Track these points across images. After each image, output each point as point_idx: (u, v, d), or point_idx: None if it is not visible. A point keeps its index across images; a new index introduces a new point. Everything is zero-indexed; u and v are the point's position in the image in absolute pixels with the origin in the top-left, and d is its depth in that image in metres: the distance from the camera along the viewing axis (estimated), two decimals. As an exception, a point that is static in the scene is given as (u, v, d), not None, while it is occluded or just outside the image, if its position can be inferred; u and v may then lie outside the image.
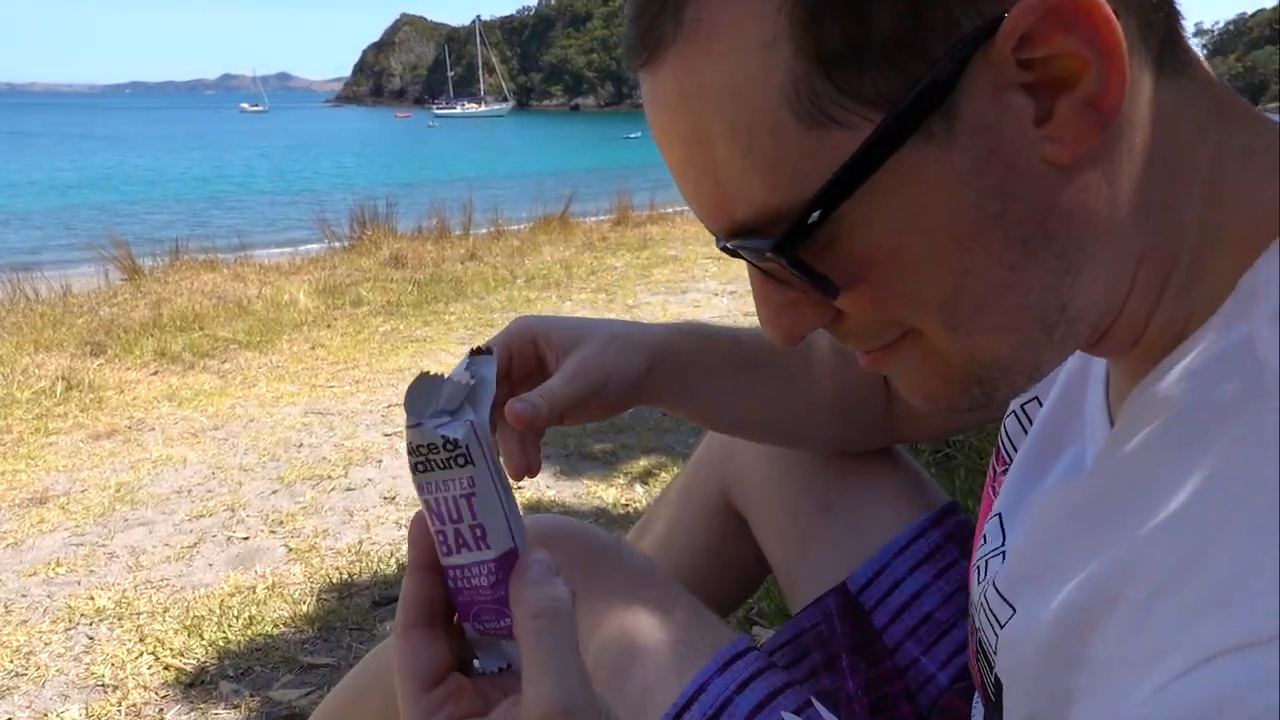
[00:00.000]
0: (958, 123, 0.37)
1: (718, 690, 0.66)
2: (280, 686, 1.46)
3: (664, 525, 1.05)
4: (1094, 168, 0.39)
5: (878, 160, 0.38)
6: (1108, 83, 0.37)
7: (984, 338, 0.42)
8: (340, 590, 1.78)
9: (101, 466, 2.67)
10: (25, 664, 1.57)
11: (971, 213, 0.39)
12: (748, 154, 0.39)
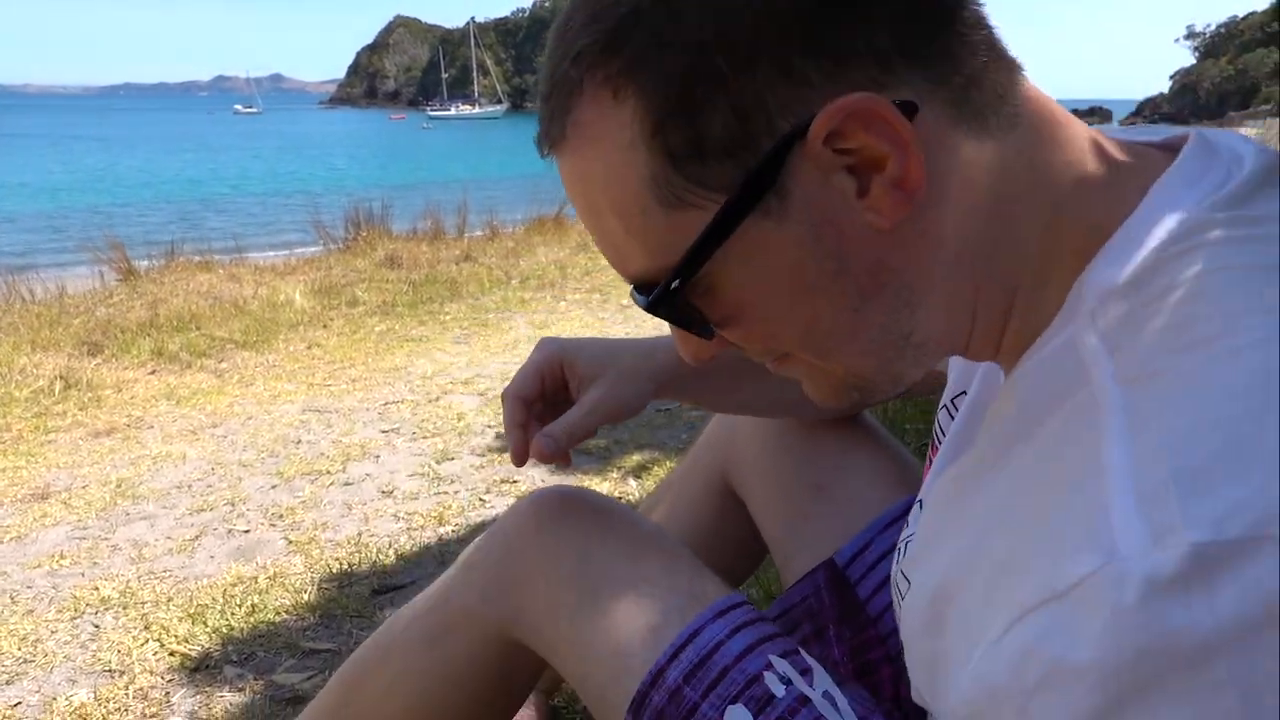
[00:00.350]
0: (789, 201, 0.46)
1: (712, 633, 0.72)
2: (283, 670, 1.50)
3: (668, 504, 1.12)
4: (914, 228, 0.47)
5: (724, 234, 0.47)
6: (907, 169, 0.45)
7: (847, 360, 0.52)
8: (340, 580, 1.82)
9: (102, 463, 2.70)
10: (33, 651, 1.60)
11: (813, 270, 0.48)
12: (628, 229, 0.50)
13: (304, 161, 39.87)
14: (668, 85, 0.45)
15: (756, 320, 0.51)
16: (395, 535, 2.05)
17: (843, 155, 0.45)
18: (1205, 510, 0.34)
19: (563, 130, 0.49)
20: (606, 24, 0.46)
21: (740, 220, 0.46)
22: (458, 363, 3.78)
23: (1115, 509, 0.36)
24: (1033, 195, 0.48)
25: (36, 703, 1.45)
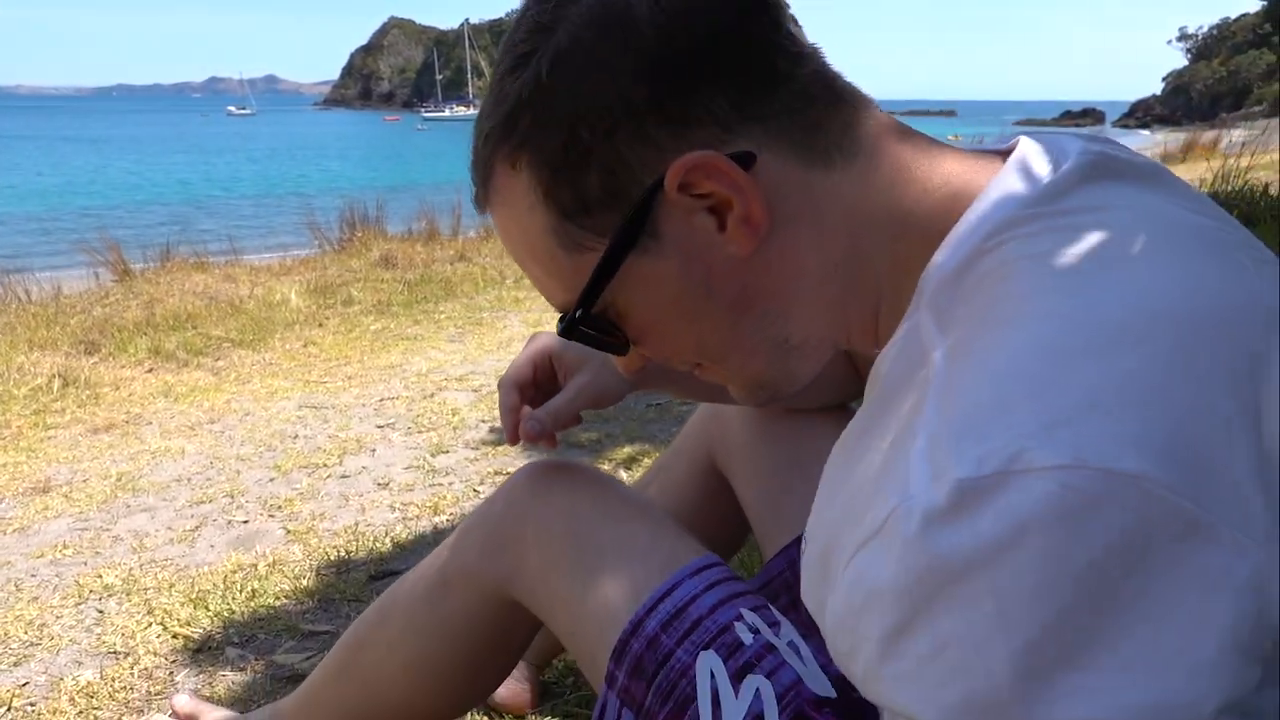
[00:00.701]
0: (663, 240, 0.56)
1: (688, 588, 0.78)
2: (283, 651, 1.55)
3: (658, 484, 1.19)
4: (770, 253, 0.57)
5: (612, 270, 0.57)
6: (749, 208, 0.55)
7: (743, 364, 0.62)
8: (338, 566, 1.87)
9: (101, 458, 2.74)
10: (39, 635, 1.65)
11: (690, 296, 0.58)
12: (545, 271, 0.61)
13: (298, 163, 39.80)
14: (551, 156, 0.56)
15: (658, 338, 0.62)
16: (391, 524, 2.10)
17: (700, 199, 0.55)
18: (970, 452, 0.41)
19: (485, 195, 0.61)
20: (504, 109, 0.57)
21: (623, 257, 0.57)
22: (452, 360, 3.83)
23: (912, 457, 0.44)
24: (883, 211, 0.56)
25: (44, 682, 1.49)
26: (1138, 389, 0.41)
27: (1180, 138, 16.98)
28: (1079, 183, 0.52)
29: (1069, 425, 0.40)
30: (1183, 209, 0.53)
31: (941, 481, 0.41)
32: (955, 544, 0.40)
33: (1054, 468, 0.39)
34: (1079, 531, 0.39)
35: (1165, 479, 0.39)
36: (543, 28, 0.55)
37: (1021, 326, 0.45)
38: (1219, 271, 0.47)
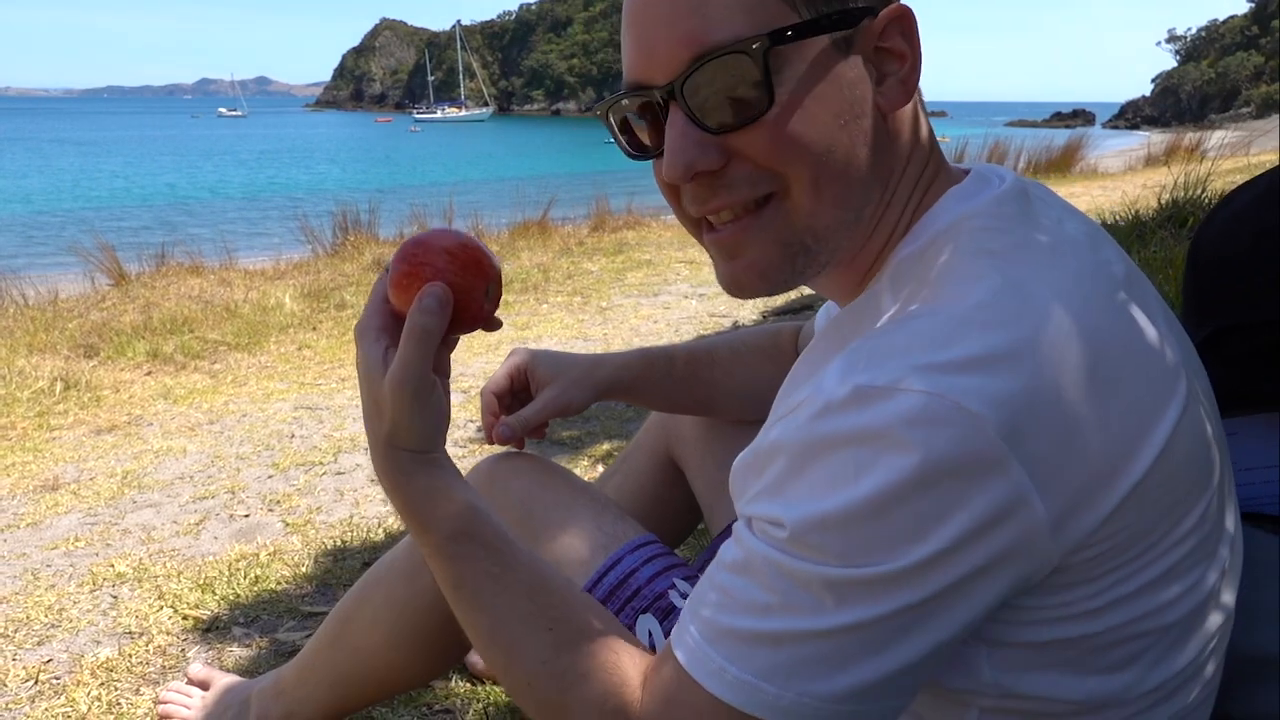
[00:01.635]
0: (851, 52, 0.66)
1: (629, 562, 0.92)
2: (285, 630, 1.69)
3: (621, 474, 1.34)
4: (895, 125, 0.69)
5: (812, 33, 0.63)
6: (907, 78, 0.67)
7: (825, 207, 0.67)
8: (334, 555, 2.01)
9: (106, 457, 2.87)
10: (59, 618, 1.78)
11: (850, 108, 0.66)
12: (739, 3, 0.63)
13: (292, 165, 39.73)
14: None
15: (798, 119, 0.64)
16: (384, 517, 2.24)
17: (884, 49, 0.67)
18: (872, 370, 0.57)
19: None
20: None
21: (825, 33, 0.64)
22: (442, 362, 3.96)
23: (832, 365, 0.59)
24: (911, 174, 0.71)
25: (66, 659, 1.63)
26: (1009, 363, 0.55)
27: (1166, 139, 17.10)
28: (1009, 199, 0.68)
29: (946, 370, 0.55)
30: (1088, 239, 0.67)
31: (845, 384, 0.57)
32: (841, 425, 0.56)
33: (922, 392, 0.54)
34: (922, 436, 0.54)
35: (998, 427, 0.54)
36: None
37: (944, 296, 0.60)
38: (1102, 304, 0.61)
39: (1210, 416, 0.67)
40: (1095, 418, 0.56)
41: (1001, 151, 12.97)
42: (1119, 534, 0.58)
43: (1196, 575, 0.64)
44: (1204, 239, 0.88)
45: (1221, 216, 0.88)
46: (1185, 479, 0.61)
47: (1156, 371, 0.60)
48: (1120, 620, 0.61)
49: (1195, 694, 0.69)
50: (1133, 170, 14.54)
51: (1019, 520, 0.55)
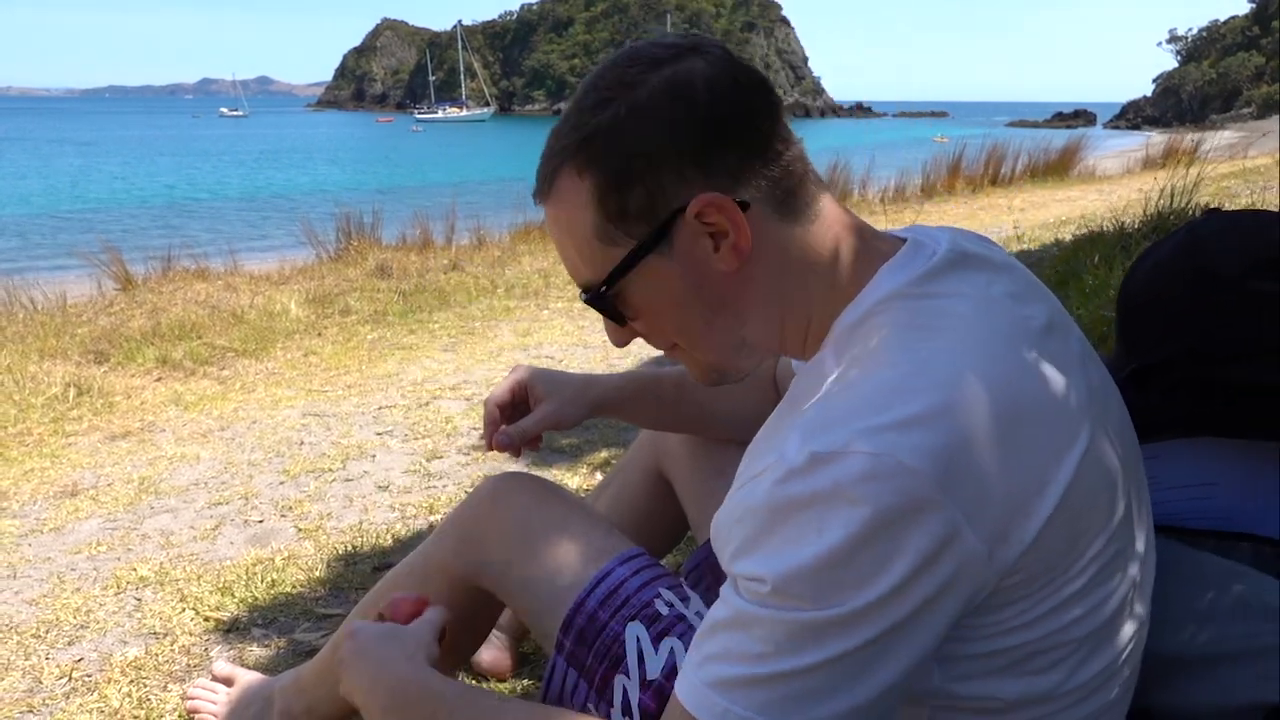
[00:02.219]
0: (673, 249, 0.80)
1: (618, 574, 1.03)
2: (301, 631, 1.80)
3: (612, 488, 1.44)
4: (744, 275, 0.79)
5: (634, 263, 0.80)
6: (738, 239, 0.78)
7: (707, 351, 0.86)
8: (346, 560, 2.11)
9: (122, 463, 2.97)
10: (86, 619, 1.89)
11: (683, 293, 0.81)
12: (580, 254, 0.83)
13: (294, 166, 39.72)
14: (610, 174, 0.78)
15: (651, 319, 0.84)
16: (391, 523, 2.34)
17: (707, 226, 0.78)
18: (824, 437, 0.67)
19: (548, 191, 0.82)
20: (583, 133, 0.79)
21: (644, 256, 0.80)
22: (445, 369, 4.06)
23: (792, 433, 0.70)
24: (823, 266, 0.81)
25: (96, 658, 1.74)
26: (935, 423, 0.66)
27: (1165, 140, 17.12)
28: (940, 272, 0.78)
29: (883, 432, 0.66)
30: (1011, 297, 0.78)
31: (803, 452, 0.67)
32: (800, 489, 0.67)
33: (867, 453, 0.65)
34: (872, 491, 0.64)
35: (934, 476, 0.65)
36: (626, 84, 0.78)
37: (878, 368, 0.71)
38: (1013, 364, 0.72)
39: (1117, 451, 0.77)
40: (1008, 462, 0.67)
41: (1000, 155, 12.97)
42: (1040, 559, 0.69)
43: (1107, 590, 0.75)
44: (1129, 285, 0.98)
45: (1144, 265, 0.98)
46: (1090, 509, 0.72)
47: (1060, 418, 0.71)
48: (1046, 631, 0.73)
49: (1115, 690, 0.80)
50: (1130, 173, 14.60)
51: (958, 552, 0.66)
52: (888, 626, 0.66)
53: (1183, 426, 0.96)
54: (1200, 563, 0.94)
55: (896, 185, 11.58)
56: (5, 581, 2.10)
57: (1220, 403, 0.92)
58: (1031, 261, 5.43)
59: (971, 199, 10.84)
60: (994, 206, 9.88)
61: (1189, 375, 0.93)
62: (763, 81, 0.81)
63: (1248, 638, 0.87)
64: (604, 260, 0.81)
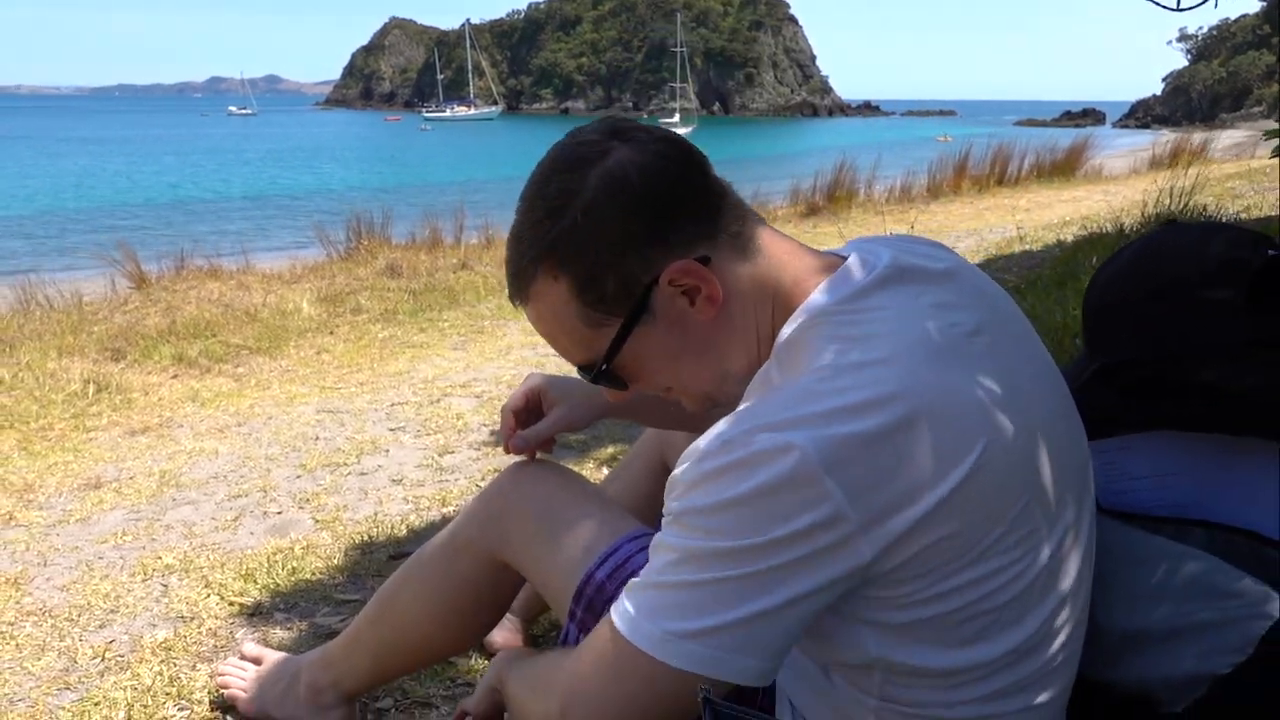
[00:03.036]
0: (655, 315, 0.90)
1: (626, 549, 1.12)
2: (321, 615, 1.89)
3: (621, 479, 1.55)
4: (720, 318, 0.91)
5: (624, 338, 0.91)
6: (711, 290, 0.89)
7: (699, 388, 0.97)
8: (362, 549, 2.20)
9: (143, 458, 3.07)
10: (116, 604, 1.98)
11: (674, 349, 0.93)
12: (571, 340, 0.94)
13: (302, 166, 39.85)
14: (582, 271, 0.88)
15: (648, 376, 0.96)
16: (405, 514, 2.43)
17: (679, 288, 0.89)
18: (738, 426, 0.79)
19: (525, 295, 0.93)
20: (546, 241, 0.89)
21: (632, 329, 0.90)
22: (456, 367, 4.16)
23: (719, 423, 0.81)
24: (774, 288, 0.92)
25: (127, 640, 1.83)
26: (827, 418, 0.77)
27: (1173, 140, 17.08)
28: (870, 290, 0.87)
29: (783, 426, 0.77)
30: (938, 306, 0.87)
31: (720, 435, 0.79)
32: (709, 464, 0.78)
33: (765, 438, 0.76)
34: (763, 465, 0.76)
35: (819, 461, 0.75)
36: (570, 191, 0.88)
37: (798, 375, 0.83)
38: (927, 369, 0.81)
39: (1039, 444, 0.85)
40: (899, 457, 0.77)
41: (1006, 154, 13.00)
42: (935, 539, 0.79)
43: (1018, 569, 0.83)
44: (1090, 291, 1.06)
45: (1106, 272, 1.06)
46: (995, 497, 0.80)
47: (964, 418, 0.79)
48: (958, 604, 0.82)
49: (1051, 653, 0.88)
50: (1137, 173, 14.59)
51: (835, 524, 0.76)
52: (763, 567, 0.77)
53: (1141, 423, 1.04)
54: (1155, 547, 1.02)
55: (902, 185, 11.63)
56: (37, 569, 2.19)
57: (1172, 400, 1.00)
58: (1033, 262, 5.50)
59: (977, 199, 10.89)
60: (999, 207, 9.93)
61: (1143, 375, 1.01)
62: (685, 147, 0.92)
63: (1194, 614, 0.94)
64: (595, 341, 0.92)
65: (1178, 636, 0.95)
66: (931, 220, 8.84)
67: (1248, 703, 0.89)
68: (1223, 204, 6.37)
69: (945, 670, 0.85)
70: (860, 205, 10.08)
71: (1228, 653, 0.90)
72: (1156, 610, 0.96)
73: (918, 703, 0.87)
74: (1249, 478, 1.02)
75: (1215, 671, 0.91)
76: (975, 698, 0.86)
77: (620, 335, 0.90)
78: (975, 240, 7.14)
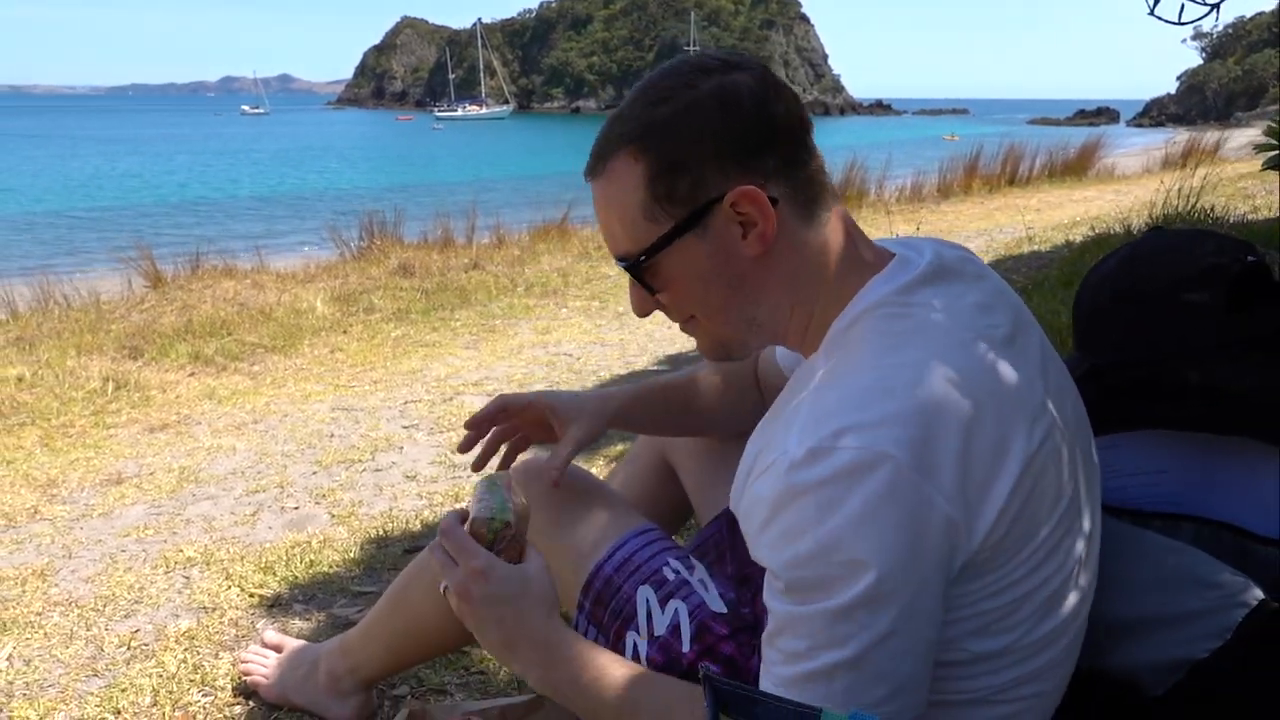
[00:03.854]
0: (708, 231, 0.91)
1: (633, 545, 1.16)
2: (339, 606, 1.94)
3: (623, 475, 1.57)
4: (763, 263, 0.92)
5: (672, 239, 0.91)
6: (765, 229, 0.90)
7: (722, 328, 0.97)
8: (377, 543, 2.26)
9: (162, 454, 3.13)
10: (140, 595, 2.04)
11: (711, 272, 0.92)
12: (623, 226, 0.93)
13: (315, 166, 39.98)
14: (663, 161, 0.89)
15: (677, 290, 0.95)
16: (419, 509, 2.49)
17: (738, 215, 0.89)
18: (817, 433, 0.80)
19: (602, 170, 0.93)
20: (642, 121, 0.90)
21: (682, 234, 0.91)
22: (468, 366, 4.21)
23: (792, 430, 0.82)
24: (826, 268, 0.93)
25: (151, 629, 1.89)
26: (909, 418, 0.79)
27: (1186, 139, 16.93)
28: (919, 285, 0.90)
29: (865, 428, 0.78)
30: (979, 307, 0.91)
31: (801, 446, 0.79)
32: (801, 479, 0.78)
33: (855, 447, 0.78)
34: (860, 480, 0.76)
35: (910, 463, 0.77)
36: (683, 86, 0.90)
37: (861, 371, 0.84)
38: (977, 366, 0.84)
39: (1069, 443, 0.89)
40: (970, 451, 0.79)
41: (1017, 154, 12.97)
42: (1007, 531, 0.82)
43: (1056, 564, 0.87)
44: (1079, 295, 1.10)
45: (1094, 276, 1.10)
46: (1043, 493, 0.84)
47: (1016, 414, 0.83)
48: (1011, 599, 0.86)
49: (1060, 649, 0.92)
50: (1149, 172, 14.51)
51: (943, 525, 0.78)
52: (904, 600, 0.77)
53: (1130, 422, 1.08)
54: (1145, 541, 1.06)
55: (913, 185, 11.64)
56: (62, 561, 2.25)
57: (1160, 401, 1.04)
58: (1041, 263, 5.52)
59: (988, 199, 10.89)
60: (1009, 207, 9.94)
61: (1131, 376, 1.05)
62: (796, 99, 0.93)
63: (1181, 604, 0.99)
64: (644, 234, 0.92)
65: (1164, 625, 0.99)
66: (941, 220, 8.85)
67: (1222, 685, 0.93)
68: (1232, 204, 6.38)
69: (988, 654, 0.87)
70: (870, 205, 10.09)
71: (1208, 639, 0.94)
72: (1146, 600, 1.00)
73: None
74: (1234, 476, 1.07)
75: (1194, 657, 0.96)
76: (994, 685, 0.89)
77: (669, 235, 0.91)
78: (984, 240, 7.15)
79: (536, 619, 1.00)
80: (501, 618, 1.00)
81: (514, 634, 1.00)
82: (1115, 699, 1.04)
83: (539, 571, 1.03)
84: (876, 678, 0.79)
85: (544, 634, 1.00)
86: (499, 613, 1.00)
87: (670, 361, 4.16)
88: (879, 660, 0.78)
